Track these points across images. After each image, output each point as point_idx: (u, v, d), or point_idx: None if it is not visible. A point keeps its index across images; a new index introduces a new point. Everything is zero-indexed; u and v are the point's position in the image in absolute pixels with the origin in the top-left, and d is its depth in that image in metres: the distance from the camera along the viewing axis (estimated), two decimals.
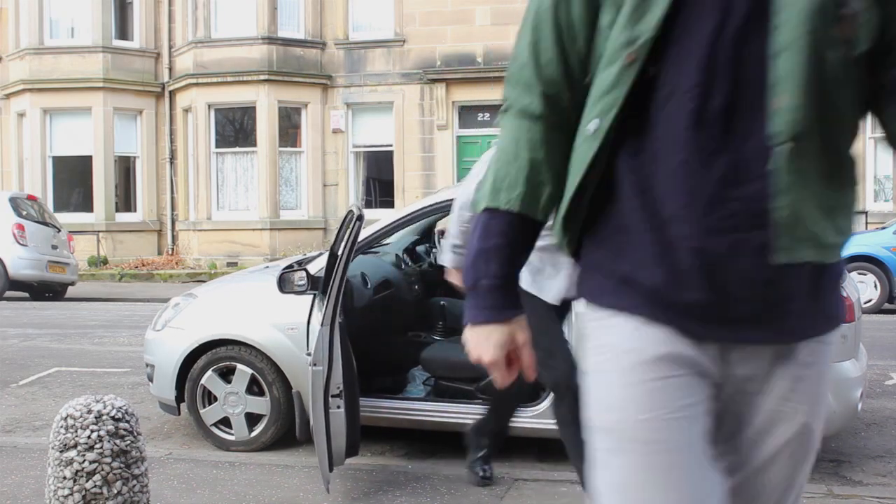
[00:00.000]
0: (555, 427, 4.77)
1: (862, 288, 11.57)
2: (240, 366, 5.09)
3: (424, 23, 18.78)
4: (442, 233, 7.13)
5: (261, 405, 5.09)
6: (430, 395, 5.23)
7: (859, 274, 11.82)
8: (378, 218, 5.33)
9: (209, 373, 5.13)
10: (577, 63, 1.54)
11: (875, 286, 11.99)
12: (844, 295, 4.53)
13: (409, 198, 18.23)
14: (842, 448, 5.22)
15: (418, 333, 5.98)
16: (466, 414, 4.86)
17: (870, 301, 11.86)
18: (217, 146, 19.24)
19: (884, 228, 12.94)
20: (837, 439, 5.32)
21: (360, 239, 4.47)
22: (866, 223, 16.14)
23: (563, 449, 5.14)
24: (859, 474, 4.75)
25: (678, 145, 1.41)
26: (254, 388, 5.10)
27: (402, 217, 5.12)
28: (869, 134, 17.33)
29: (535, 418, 4.73)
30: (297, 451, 5.12)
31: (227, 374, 5.15)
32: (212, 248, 18.95)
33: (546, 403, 4.68)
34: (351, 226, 4.14)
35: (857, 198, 1.52)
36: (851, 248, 12.32)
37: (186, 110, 19.50)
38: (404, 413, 4.97)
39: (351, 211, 4.19)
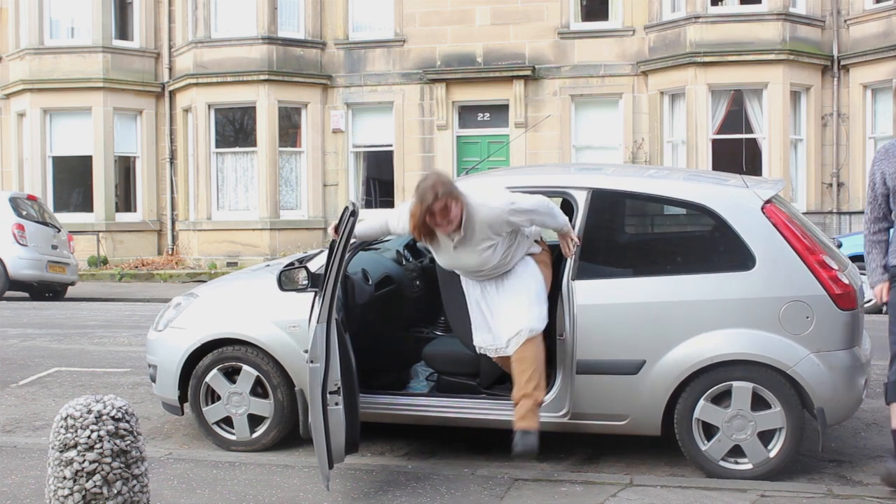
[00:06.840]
0: (554, 420, 4.77)
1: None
2: (245, 367, 5.07)
3: (424, 23, 18.78)
4: None
5: (264, 408, 5.07)
6: (432, 390, 5.20)
7: (860, 274, 11.79)
8: None
9: (214, 371, 5.12)
10: None
11: None
12: (847, 282, 4.58)
13: (409, 198, 18.19)
14: (842, 448, 5.22)
15: (420, 329, 5.96)
16: (469, 409, 4.84)
17: (870, 301, 11.83)
18: (217, 146, 19.24)
19: None
20: (837, 439, 5.32)
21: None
22: None
23: (563, 449, 5.15)
24: (859, 474, 4.75)
25: None
26: (258, 389, 5.09)
27: None
28: (869, 133, 17.33)
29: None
30: (297, 451, 5.12)
31: (231, 374, 5.13)
32: (212, 248, 18.95)
33: (549, 396, 4.63)
34: (345, 222, 4.14)
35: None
36: (851, 248, 12.34)
37: (186, 110, 19.50)
38: (407, 409, 4.96)
39: (346, 207, 4.19)
